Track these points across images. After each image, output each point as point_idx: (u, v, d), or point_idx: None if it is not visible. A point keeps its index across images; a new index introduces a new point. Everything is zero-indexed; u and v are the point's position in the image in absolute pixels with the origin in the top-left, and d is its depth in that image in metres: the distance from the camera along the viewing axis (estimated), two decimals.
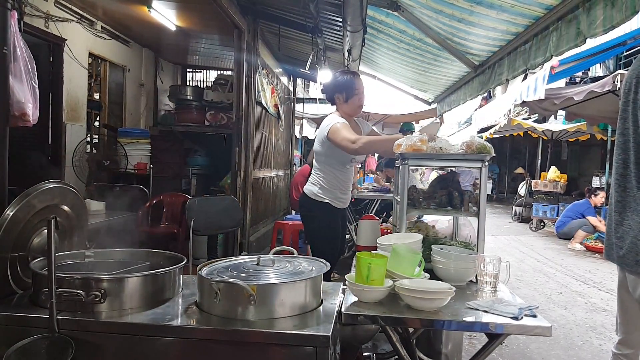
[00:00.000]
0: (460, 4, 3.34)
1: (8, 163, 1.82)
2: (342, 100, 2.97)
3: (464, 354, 2.70)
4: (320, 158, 2.99)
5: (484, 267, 1.89)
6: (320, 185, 2.97)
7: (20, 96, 2.64)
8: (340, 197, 3.02)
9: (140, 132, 6.13)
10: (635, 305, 2.03)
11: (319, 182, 2.98)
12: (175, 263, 1.68)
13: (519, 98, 7.04)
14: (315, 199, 2.96)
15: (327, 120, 2.94)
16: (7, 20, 1.79)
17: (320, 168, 2.99)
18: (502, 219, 11.96)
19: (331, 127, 2.81)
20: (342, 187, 3.01)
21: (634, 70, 2.00)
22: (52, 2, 5.03)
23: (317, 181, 3.00)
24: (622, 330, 2.14)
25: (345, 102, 2.96)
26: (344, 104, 2.97)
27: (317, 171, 3.01)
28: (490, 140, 5.76)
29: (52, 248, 1.40)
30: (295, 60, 7.19)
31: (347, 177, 3.05)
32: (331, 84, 3.05)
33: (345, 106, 2.97)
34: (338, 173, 2.97)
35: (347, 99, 2.95)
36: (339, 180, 2.98)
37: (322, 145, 2.93)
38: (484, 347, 1.69)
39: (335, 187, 2.97)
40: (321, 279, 1.63)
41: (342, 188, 3.01)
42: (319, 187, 2.97)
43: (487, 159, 2.20)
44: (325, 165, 2.96)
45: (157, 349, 1.42)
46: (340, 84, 2.98)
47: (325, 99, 3.20)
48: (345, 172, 3.01)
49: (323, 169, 2.98)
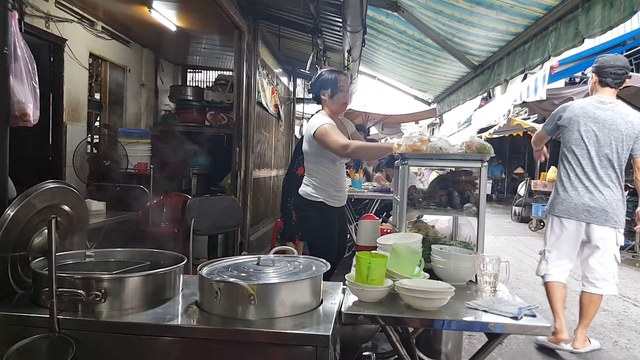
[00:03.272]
0: (460, 4, 3.34)
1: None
2: (327, 97, 3.00)
3: (464, 354, 2.70)
4: (310, 158, 3.02)
5: (484, 267, 1.89)
6: (313, 185, 2.99)
7: (21, 96, 2.64)
8: (335, 194, 3.02)
9: (140, 132, 6.12)
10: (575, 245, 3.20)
11: (311, 182, 3.00)
12: (175, 263, 1.68)
13: (518, 98, 7.05)
14: (309, 199, 2.99)
15: (313, 120, 2.97)
16: (8, 21, 1.79)
17: (311, 168, 3.01)
18: (502, 219, 11.96)
19: (319, 128, 2.84)
20: (335, 185, 3.01)
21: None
22: (52, 2, 5.03)
23: (309, 181, 3.02)
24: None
25: (330, 99, 2.99)
26: (329, 101, 3.00)
27: (309, 171, 3.03)
28: (489, 140, 5.76)
29: (52, 248, 1.40)
30: (295, 61, 7.20)
31: (339, 174, 3.06)
32: (316, 81, 3.07)
33: (331, 103, 3.00)
34: (329, 171, 2.98)
35: (332, 95, 2.98)
36: (332, 177, 2.99)
37: (310, 145, 2.96)
38: (484, 346, 1.69)
39: (328, 185, 2.98)
40: (321, 279, 1.63)
41: (336, 186, 3.02)
42: (312, 187, 3.00)
43: (487, 159, 2.21)
44: (315, 164, 2.99)
45: (157, 349, 1.42)
46: (325, 80, 3.01)
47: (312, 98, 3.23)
48: (336, 169, 3.02)
49: (314, 169, 3.00)
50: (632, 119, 3.12)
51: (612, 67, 3.14)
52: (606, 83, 3.18)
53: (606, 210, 3.11)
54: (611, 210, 3.11)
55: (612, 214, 3.11)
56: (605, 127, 3.11)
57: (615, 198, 3.12)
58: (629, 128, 3.10)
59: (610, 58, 3.22)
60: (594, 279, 3.20)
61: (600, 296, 3.21)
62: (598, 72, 3.21)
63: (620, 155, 3.13)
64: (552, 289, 3.28)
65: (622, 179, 3.19)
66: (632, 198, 8.05)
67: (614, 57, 3.26)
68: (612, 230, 3.14)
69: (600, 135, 3.12)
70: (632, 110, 3.18)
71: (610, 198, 3.11)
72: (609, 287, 3.19)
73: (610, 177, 3.13)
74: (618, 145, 3.11)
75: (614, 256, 3.18)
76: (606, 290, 3.19)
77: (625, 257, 7.10)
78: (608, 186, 3.12)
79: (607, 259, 3.17)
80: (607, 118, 3.12)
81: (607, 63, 3.17)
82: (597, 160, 3.13)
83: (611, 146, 3.11)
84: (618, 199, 3.14)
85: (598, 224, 3.12)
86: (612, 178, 3.13)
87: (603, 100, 3.17)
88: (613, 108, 3.15)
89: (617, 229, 3.15)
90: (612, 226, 3.13)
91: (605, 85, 3.19)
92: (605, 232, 3.14)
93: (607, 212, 3.11)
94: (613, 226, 3.13)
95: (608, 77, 3.16)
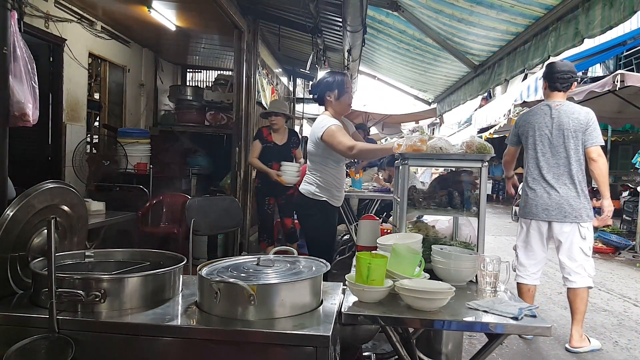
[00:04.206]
0: (460, 4, 3.34)
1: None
2: (334, 99, 3.03)
3: (464, 354, 2.70)
4: (315, 158, 3.06)
5: (484, 267, 1.89)
6: (316, 184, 3.05)
7: (20, 96, 2.63)
8: (336, 194, 3.11)
9: (140, 132, 6.12)
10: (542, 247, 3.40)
11: (315, 182, 3.05)
12: (175, 263, 1.68)
13: (519, 98, 7.05)
14: (313, 198, 3.04)
15: (320, 121, 2.99)
16: (7, 21, 1.79)
17: (316, 168, 3.06)
18: (502, 219, 11.96)
19: (327, 129, 2.87)
20: (337, 185, 3.10)
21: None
22: (52, 2, 5.03)
23: (313, 180, 3.07)
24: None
25: (337, 100, 3.03)
26: (335, 102, 3.04)
27: (313, 171, 3.08)
28: (490, 140, 5.75)
29: (52, 248, 1.40)
30: (295, 60, 7.20)
31: (342, 175, 3.15)
32: (321, 83, 3.12)
33: (337, 104, 3.04)
34: (333, 171, 3.05)
35: (338, 96, 3.03)
36: (335, 178, 3.07)
37: (317, 147, 3.00)
38: (484, 347, 1.69)
39: (331, 185, 3.06)
40: (321, 279, 1.63)
41: (337, 186, 3.10)
42: (315, 186, 3.05)
43: (487, 159, 2.21)
44: (320, 165, 3.04)
45: (157, 349, 1.42)
46: (331, 82, 3.06)
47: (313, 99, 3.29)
48: (339, 170, 3.10)
49: (318, 169, 3.05)
50: (577, 115, 3.27)
51: (559, 72, 3.33)
52: (555, 87, 3.37)
53: (563, 207, 3.26)
54: (568, 206, 3.25)
55: (570, 209, 3.25)
56: (555, 129, 3.29)
57: (571, 194, 3.27)
58: (576, 124, 3.26)
59: (557, 64, 3.40)
60: (567, 273, 3.35)
61: (584, 289, 3.32)
62: (547, 78, 3.41)
63: (575, 152, 3.27)
64: (521, 290, 3.47)
65: (582, 175, 3.33)
66: (633, 198, 8.05)
67: (561, 63, 3.46)
68: (573, 225, 3.27)
69: (552, 137, 3.30)
70: (578, 107, 3.34)
71: (567, 195, 3.27)
72: (581, 279, 3.31)
73: (568, 175, 3.28)
74: (570, 143, 3.26)
75: (580, 249, 3.30)
76: (580, 283, 3.31)
77: (626, 257, 7.09)
78: (565, 184, 3.28)
79: (575, 252, 3.30)
80: (555, 119, 3.30)
81: (554, 69, 3.35)
82: (553, 161, 3.31)
83: (563, 145, 3.27)
84: (575, 195, 3.27)
85: (558, 221, 3.28)
86: (569, 175, 3.28)
87: (550, 103, 3.36)
88: (559, 109, 3.31)
89: (578, 224, 3.27)
90: (572, 221, 3.26)
91: (555, 89, 3.37)
92: (565, 227, 3.28)
93: (565, 209, 3.26)
94: (573, 221, 3.26)
95: (557, 82, 3.35)
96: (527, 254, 3.45)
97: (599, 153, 3.28)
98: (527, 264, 3.45)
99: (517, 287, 3.51)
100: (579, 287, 3.31)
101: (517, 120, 3.58)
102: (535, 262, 3.44)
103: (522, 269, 3.47)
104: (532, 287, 3.47)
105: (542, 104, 3.42)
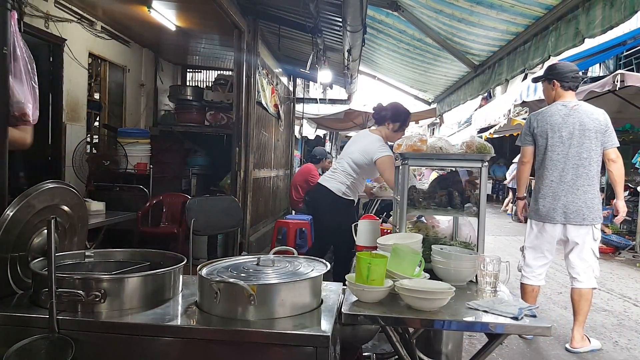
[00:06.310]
0: (460, 4, 3.34)
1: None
2: (392, 129, 3.53)
3: (464, 354, 2.70)
4: (357, 169, 3.59)
5: (484, 267, 1.89)
6: (347, 186, 3.63)
7: (20, 96, 2.63)
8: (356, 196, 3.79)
9: (140, 132, 6.12)
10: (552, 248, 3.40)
11: (346, 184, 3.62)
12: (175, 263, 1.68)
13: (519, 98, 7.05)
14: (345, 197, 3.64)
15: (377, 142, 3.47)
16: (7, 20, 1.79)
17: (351, 174, 3.62)
18: (502, 219, 11.96)
19: (384, 157, 3.36)
20: (359, 191, 3.82)
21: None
22: (52, 2, 5.02)
23: (345, 182, 3.62)
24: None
25: (394, 132, 3.52)
26: (391, 132, 3.54)
27: (348, 175, 3.63)
28: (490, 140, 5.75)
29: (52, 248, 1.40)
30: (295, 60, 7.19)
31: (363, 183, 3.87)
32: (392, 109, 3.56)
33: (391, 133, 3.53)
34: (361, 180, 3.72)
35: (398, 129, 3.53)
36: (361, 185, 3.78)
37: (366, 162, 3.51)
38: (484, 347, 1.69)
39: (359, 189, 3.77)
40: (321, 279, 1.63)
41: (359, 191, 3.83)
42: (345, 187, 3.62)
43: (487, 159, 2.21)
44: (357, 174, 3.62)
45: (157, 349, 1.42)
46: (399, 114, 3.53)
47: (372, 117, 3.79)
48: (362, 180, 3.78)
49: (354, 175, 3.62)
50: (597, 116, 3.26)
51: (571, 72, 3.35)
52: (569, 87, 3.36)
53: (582, 210, 3.23)
54: (587, 209, 3.23)
55: (588, 212, 3.23)
56: (575, 129, 3.25)
57: (590, 197, 3.24)
58: (597, 124, 3.24)
59: (565, 64, 3.45)
60: (576, 273, 3.34)
61: (589, 290, 3.32)
62: (559, 78, 3.38)
63: (595, 153, 3.24)
64: (525, 290, 3.48)
65: (599, 176, 3.31)
66: (633, 198, 8.05)
67: (567, 63, 3.51)
68: (588, 227, 3.26)
69: (573, 138, 3.25)
70: (595, 108, 3.32)
71: (585, 197, 3.23)
72: (588, 280, 3.32)
73: (587, 176, 3.24)
74: (591, 144, 3.23)
75: (591, 250, 3.30)
76: (587, 283, 3.31)
77: (626, 257, 7.10)
78: (583, 186, 3.24)
79: (586, 253, 3.29)
80: (575, 120, 3.25)
81: (566, 68, 3.38)
82: (572, 163, 3.25)
83: (583, 146, 3.24)
84: (592, 197, 3.24)
85: (576, 224, 3.25)
86: (588, 177, 3.24)
87: (566, 104, 3.32)
88: (578, 109, 3.29)
89: (593, 225, 3.26)
90: (589, 223, 3.25)
91: (568, 88, 3.36)
92: (582, 229, 3.26)
93: (583, 212, 3.23)
94: (590, 223, 3.25)
95: (570, 81, 3.35)
96: (536, 256, 3.44)
97: (617, 154, 3.28)
98: (534, 265, 3.45)
99: (521, 287, 3.51)
100: (586, 288, 3.31)
101: (530, 121, 3.46)
102: (543, 263, 3.44)
103: (529, 270, 3.47)
104: (537, 287, 3.47)
105: (558, 104, 3.34)
